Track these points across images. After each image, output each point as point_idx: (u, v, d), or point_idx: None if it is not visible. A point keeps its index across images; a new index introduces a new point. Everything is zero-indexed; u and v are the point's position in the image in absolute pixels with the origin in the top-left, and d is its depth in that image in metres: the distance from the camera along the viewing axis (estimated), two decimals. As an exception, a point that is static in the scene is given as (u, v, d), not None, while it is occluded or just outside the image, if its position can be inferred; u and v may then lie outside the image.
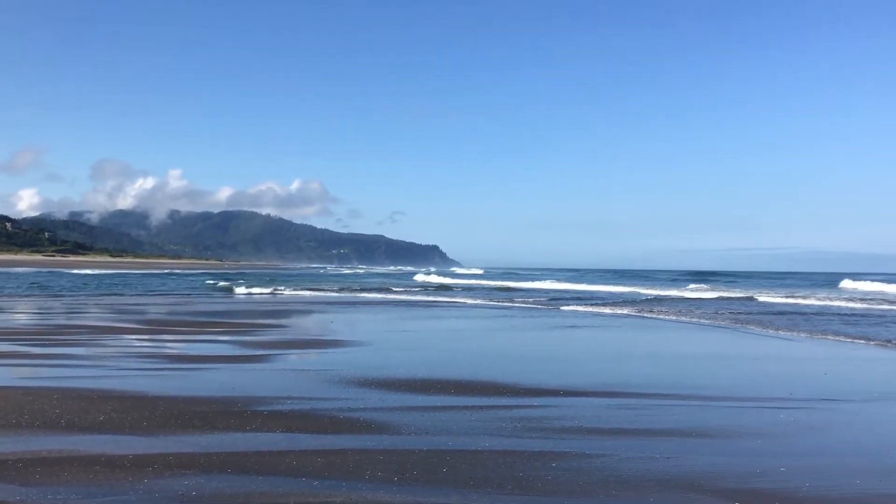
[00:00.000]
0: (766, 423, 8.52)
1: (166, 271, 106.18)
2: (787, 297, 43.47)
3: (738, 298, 41.56)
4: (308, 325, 21.79)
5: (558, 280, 76.26)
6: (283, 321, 22.91)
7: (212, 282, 58.13)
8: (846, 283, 70.14)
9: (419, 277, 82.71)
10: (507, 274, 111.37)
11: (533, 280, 74.64)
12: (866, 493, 5.97)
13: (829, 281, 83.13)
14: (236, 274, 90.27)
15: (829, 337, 19.49)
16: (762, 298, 41.57)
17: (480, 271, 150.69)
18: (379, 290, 48.79)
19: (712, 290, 53.98)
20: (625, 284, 66.32)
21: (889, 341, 18.39)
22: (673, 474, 6.39)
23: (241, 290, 43.26)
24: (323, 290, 46.68)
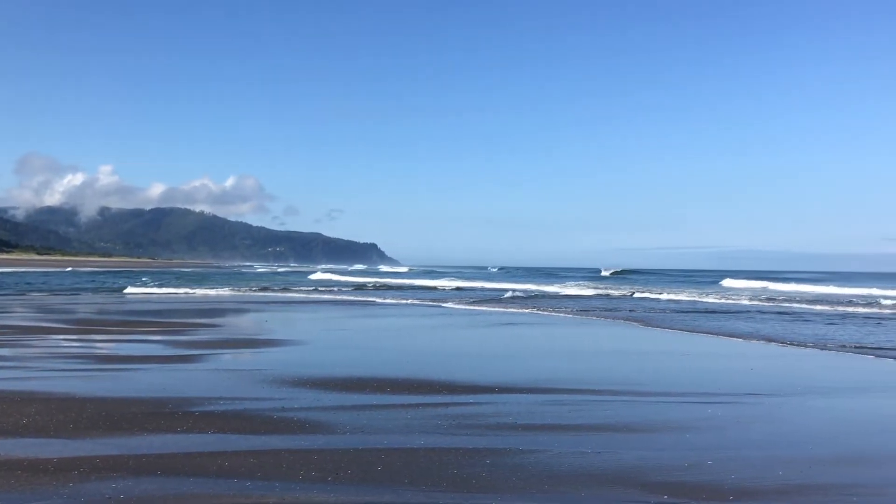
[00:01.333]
0: (693, 418, 8.74)
1: (89, 269, 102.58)
2: (653, 293, 45.32)
3: (599, 296, 42.58)
4: (241, 325, 21.47)
5: (467, 279, 75.20)
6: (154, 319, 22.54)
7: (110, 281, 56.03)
8: (726, 282, 73.18)
9: (314, 276, 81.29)
10: (429, 272, 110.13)
11: (441, 278, 73.39)
12: (788, 484, 6.17)
13: (724, 277, 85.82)
14: (158, 272, 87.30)
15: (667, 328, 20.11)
16: (638, 295, 43.62)
17: (405, 269, 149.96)
18: (265, 288, 47.00)
19: (594, 287, 54.73)
20: (525, 282, 67.38)
21: (770, 339, 19.03)
22: (604, 469, 6.51)
23: (132, 290, 40.53)
24: (218, 289, 44.08)
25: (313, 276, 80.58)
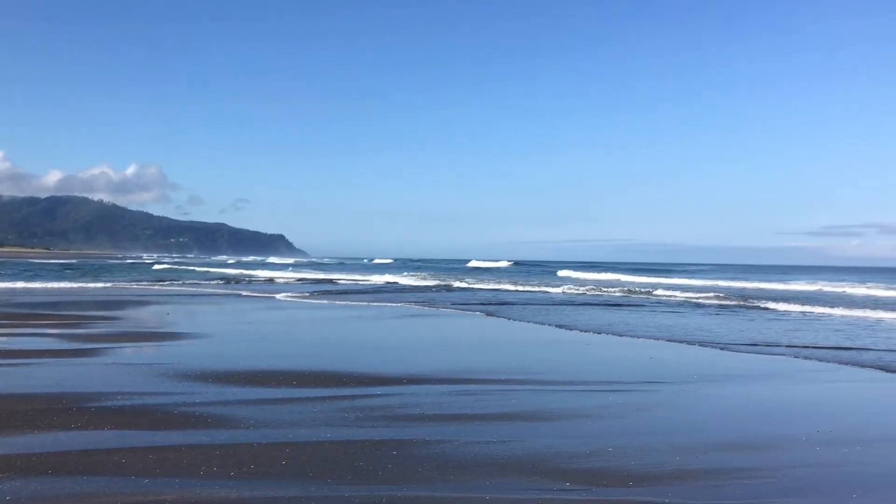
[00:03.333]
0: (596, 406, 8.95)
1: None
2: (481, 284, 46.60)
3: (432, 287, 43.13)
4: (143, 317, 20.79)
5: (346, 271, 74.20)
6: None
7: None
8: (562, 272, 76.41)
9: (157, 266, 78.65)
10: (317, 265, 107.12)
11: (327, 272, 71.80)
12: (685, 469, 6.40)
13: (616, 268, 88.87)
14: (38, 265, 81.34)
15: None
16: (458, 284, 44.98)
17: (291, 261, 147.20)
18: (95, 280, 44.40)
19: (433, 278, 55.27)
20: (398, 274, 66.44)
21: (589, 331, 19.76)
22: (509, 457, 6.60)
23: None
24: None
25: (157, 267, 77.42)
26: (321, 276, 59.72)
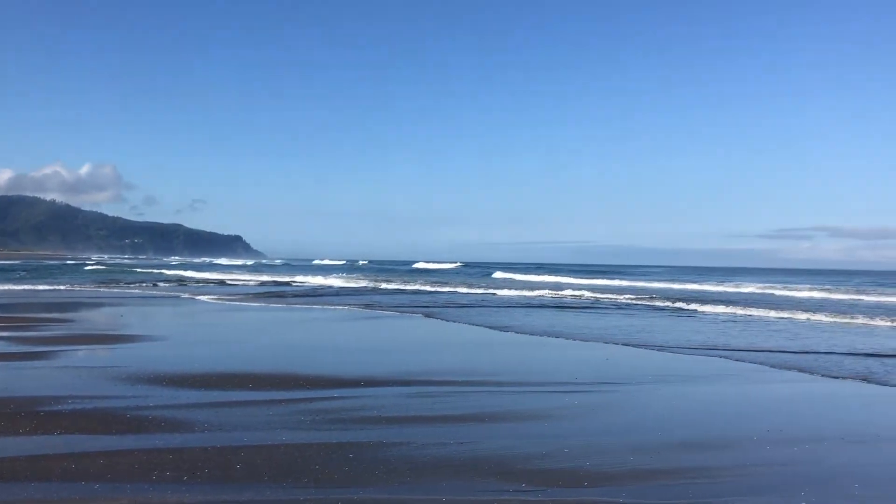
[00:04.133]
0: (553, 407, 9.02)
1: None
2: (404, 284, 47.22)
3: (368, 288, 43.10)
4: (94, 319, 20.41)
5: (294, 272, 71.74)
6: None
7: None
8: (497, 274, 76.41)
9: (90, 267, 76.16)
10: (266, 266, 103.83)
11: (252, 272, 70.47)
12: (640, 469, 6.47)
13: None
14: None
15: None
16: (387, 286, 45.10)
17: (240, 262, 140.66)
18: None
19: (370, 279, 55.23)
20: (342, 276, 63.73)
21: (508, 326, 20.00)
22: (466, 459, 6.61)
23: None
24: None
25: (90, 267, 74.95)
26: (265, 277, 58.01)
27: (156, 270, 69.63)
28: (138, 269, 72.00)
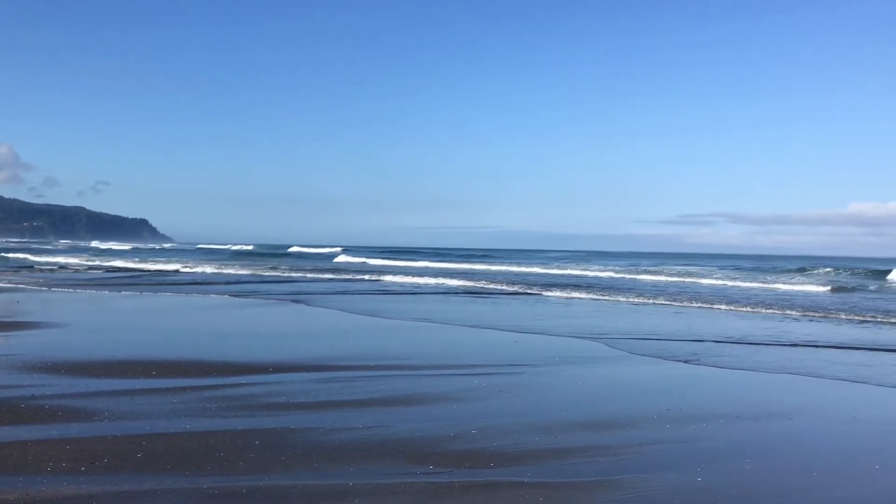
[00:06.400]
0: (461, 389, 9.12)
1: None
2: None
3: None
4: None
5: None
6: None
7: None
8: (340, 258, 74.47)
9: None
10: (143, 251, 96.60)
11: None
12: (543, 449, 6.63)
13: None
14: None
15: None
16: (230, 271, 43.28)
17: (128, 247, 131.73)
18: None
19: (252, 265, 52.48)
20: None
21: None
22: (374, 443, 6.63)
23: None
24: None
25: None
26: (119, 262, 52.18)
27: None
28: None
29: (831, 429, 7.95)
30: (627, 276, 45.24)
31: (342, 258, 74.43)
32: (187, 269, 44.11)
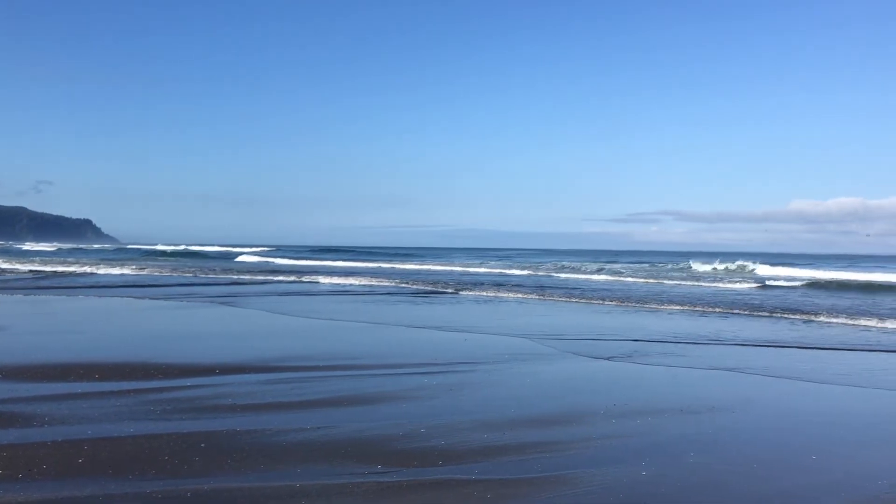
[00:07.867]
0: (411, 388, 9.12)
1: None
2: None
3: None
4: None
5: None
6: None
7: None
8: (242, 258, 72.98)
9: None
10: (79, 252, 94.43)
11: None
12: (491, 446, 6.67)
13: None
14: None
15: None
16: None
17: (53, 248, 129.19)
18: None
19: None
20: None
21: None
22: (322, 443, 6.60)
23: None
24: None
25: None
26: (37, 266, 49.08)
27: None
28: None
29: (771, 423, 8.15)
30: (562, 275, 45.51)
31: (243, 258, 72.49)
32: (88, 271, 41.50)
